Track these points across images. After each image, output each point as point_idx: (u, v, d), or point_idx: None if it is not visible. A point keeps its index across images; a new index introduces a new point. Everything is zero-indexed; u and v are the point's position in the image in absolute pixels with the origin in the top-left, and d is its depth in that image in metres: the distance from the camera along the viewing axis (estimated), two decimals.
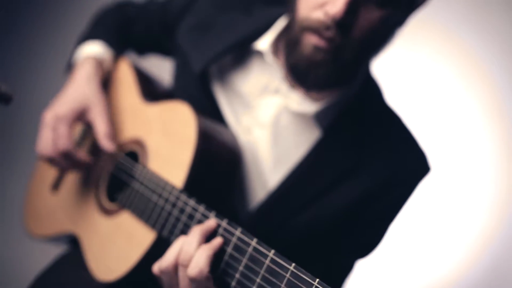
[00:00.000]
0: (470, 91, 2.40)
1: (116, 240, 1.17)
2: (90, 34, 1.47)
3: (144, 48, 1.57)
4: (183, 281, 0.96)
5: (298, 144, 1.22)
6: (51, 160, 1.25)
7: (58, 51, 2.50)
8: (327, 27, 1.03)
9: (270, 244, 0.89)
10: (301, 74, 1.12)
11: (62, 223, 1.37)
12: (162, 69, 1.69)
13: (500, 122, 2.36)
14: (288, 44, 1.12)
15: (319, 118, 1.20)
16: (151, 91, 1.42)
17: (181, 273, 0.96)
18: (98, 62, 1.40)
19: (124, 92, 1.41)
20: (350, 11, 1.01)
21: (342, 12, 1.00)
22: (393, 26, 1.11)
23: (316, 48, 1.06)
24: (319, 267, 1.20)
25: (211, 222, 0.98)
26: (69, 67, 1.48)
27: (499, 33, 2.36)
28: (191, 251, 0.94)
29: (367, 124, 1.22)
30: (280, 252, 0.89)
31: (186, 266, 0.94)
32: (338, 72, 1.10)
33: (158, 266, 1.00)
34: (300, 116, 1.21)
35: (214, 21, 1.31)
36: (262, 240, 0.90)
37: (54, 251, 1.46)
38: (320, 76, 1.10)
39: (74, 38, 1.51)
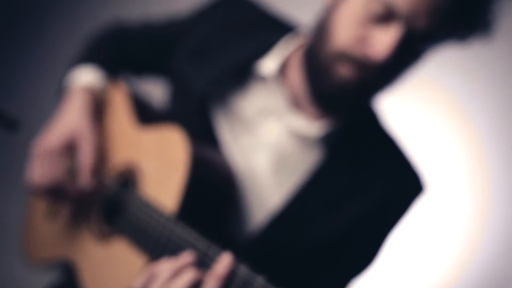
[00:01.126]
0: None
1: (111, 266, 1.16)
2: (84, 57, 1.46)
3: (141, 70, 1.56)
4: None
5: (300, 166, 1.22)
6: (39, 191, 1.24)
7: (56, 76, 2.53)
8: (367, 66, 1.06)
9: (268, 265, 0.88)
10: (329, 102, 1.15)
11: (56, 250, 1.36)
12: (154, 86, 1.69)
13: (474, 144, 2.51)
14: (313, 71, 1.14)
15: (323, 141, 1.21)
16: (145, 114, 1.41)
17: None
18: (91, 92, 1.38)
19: (118, 116, 1.40)
20: (393, 54, 1.04)
21: (387, 56, 1.03)
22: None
23: (351, 79, 1.08)
24: (317, 285, 1.21)
25: (187, 257, 0.96)
26: (60, 91, 1.46)
27: (482, 78, 2.50)
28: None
29: (366, 146, 1.23)
30: (278, 273, 0.88)
31: None
32: (363, 98, 1.15)
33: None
34: (303, 139, 1.22)
35: (216, 42, 1.31)
36: (261, 262, 0.90)
37: (48, 276, 1.45)
38: (346, 104, 1.14)
39: (70, 47, 1.51)
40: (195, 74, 1.31)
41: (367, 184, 1.21)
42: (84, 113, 1.31)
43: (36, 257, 1.43)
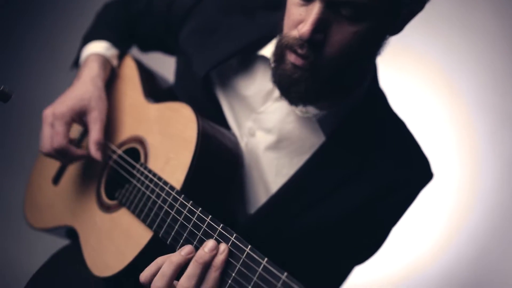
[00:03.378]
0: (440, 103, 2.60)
1: (114, 237, 1.18)
2: (95, 33, 1.49)
3: (147, 45, 1.58)
4: None
5: (302, 149, 1.23)
6: (48, 156, 1.27)
7: (56, 50, 2.54)
8: (301, 45, 1.04)
9: (268, 247, 0.90)
10: (284, 90, 1.12)
11: (61, 216, 1.38)
12: (166, 64, 1.70)
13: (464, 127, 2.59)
14: (274, 60, 1.13)
15: (323, 123, 1.20)
16: (155, 90, 1.43)
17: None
18: (104, 61, 1.41)
19: (128, 89, 1.42)
20: (319, 29, 1.01)
21: (309, 31, 1.00)
22: (377, 37, 1.10)
23: (294, 66, 1.07)
24: (317, 270, 1.22)
25: (188, 250, 0.96)
26: (76, 65, 1.49)
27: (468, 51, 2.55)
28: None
29: (370, 131, 1.23)
30: (277, 255, 0.90)
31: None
32: (321, 87, 1.10)
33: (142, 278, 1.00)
34: (305, 121, 1.22)
35: (218, 24, 1.31)
36: (261, 242, 0.91)
37: (55, 243, 1.48)
38: (302, 93, 1.10)
39: (71, 36, 1.53)
40: (197, 55, 1.32)
41: (371, 169, 1.20)
42: (94, 81, 1.33)
43: (39, 223, 1.46)
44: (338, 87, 1.13)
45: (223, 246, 0.92)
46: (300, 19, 1.04)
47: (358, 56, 1.08)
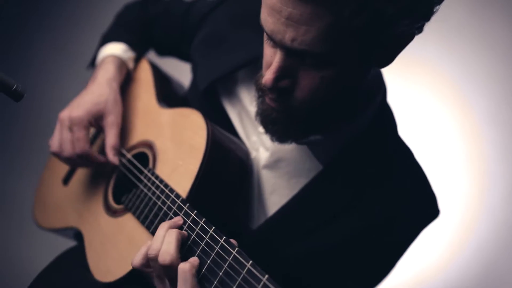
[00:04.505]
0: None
1: (117, 242, 1.17)
2: (114, 34, 1.48)
3: (163, 50, 1.57)
4: (156, 271, 0.99)
5: (299, 173, 1.19)
6: (67, 160, 1.27)
7: (68, 49, 2.55)
8: (270, 90, 1.00)
9: (267, 269, 0.87)
10: (265, 128, 1.10)
11: (68, 218, 1.38)
12: (184, 69, 1.69)
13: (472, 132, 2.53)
14: (257, 97, 1.10)
15: (317, 151, 1.16)
16: (169, 95, 1.42)
17: (152, 263, 1.00)
18: (121, 64, 1.40)
19: (142, 93, 1.41)
20: (283, 76, 0.97)
21: (271, 80, 0.96)
22: (352, 76, 1.02)
23: (270, 107, 1.04)
24: None
25: (177, 219, 1.03)
26: (92, 64, 1.49)
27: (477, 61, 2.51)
28: (158, 245, 0.98)
29: (373, 160, 1.16)
30: (278, 277, 0.87)
31: (167, 267, 0.97)
32: (301, 126, 1.06)
33: (132, 263, 1.03)
34: (302, 146, 1.18)
35: (225, 36, 1.28)
36: (262, 259, 0.89)
37: (62, 244, 1.47)
38: (280, 132, 1.08)
39: (83, 36, 1.52)
40: (201, 66, 1.30)
41: (373, 200, 1.14)
42: (110, 84, 1.33)
43: (47, 223, 1.45)
44: (322, 122, 1.08)
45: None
46: (270, 61, 0.99)
47: (334, 95, 1.02)
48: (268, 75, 0.97)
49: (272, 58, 0.98)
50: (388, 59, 1.01)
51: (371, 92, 1.15)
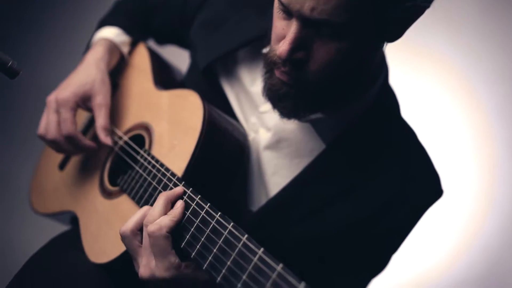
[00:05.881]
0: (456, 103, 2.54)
1: (113, 223, 1.16)
2: (109, 19, 1.47)
3: (163, 38, 1.56)
4: (145, 241, 0.98)
5: (302, 153, 1.17)
6: (53, 143, 1.25)
7: (69, 34, 2.53)
8: (282, 63, 0.99)
9: (269, 251, 0.86)
10: (273, 104, 1.08)
11: (64, 201, 1.37)
12: (183, 58, 1.69)
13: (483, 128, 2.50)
14: (264, 72, 1.08)
15: (321, 129, 1.15)
16: (166, 79, 1.41)
17: (144, 233, 0.98)
18: (111, 45, 1.39)
19: (138, 77, 1.40)
20: (298, 48, 0.96)
21: (286, 51, 0.95)
22: (366, 49, 1.02)
23: (281, 81, 1.03)
24: (319, 282, 1.16)
25: (178, 189, 1.01)
26: (87, 49, 1.48)
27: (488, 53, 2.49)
28: (155, 214, 0.97)
29: (376, 140, 1.16)
30: (279, 260, 0.86)
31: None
32: (311, 101, 1.05)
33: (120, 230, 1.02)
34: (305, 125, 1.17)
35: (226, 18, 1.27)
36: (263, 245, 0.88)
37: (57, 229, 1.46)
38: (289, 108, 1.06)
39: (80, 21, 1.51)
40: (201, 47, 1.29)
41: (376, 180, 1.13)
42: (98, 64, 1.31)
43: (43, 208, 1.44)
44: (331, 99, 1.07)
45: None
46: (283, 34, 0.98)
47: (347, 69, 1.02)
48: (283, 47, 0.95)
49: (284, 31, 0.97)
50: (398, 33, 1.01)
51: (375, 72, 1.14)
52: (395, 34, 1.01)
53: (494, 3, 2.51)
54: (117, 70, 1.43)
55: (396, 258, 1.23)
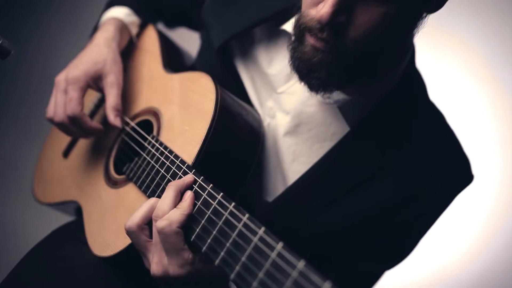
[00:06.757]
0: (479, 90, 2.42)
1: (117, 214, 1.08)
2: (117, 0, 1.40)
3: (173, 20, 1.49)
4: (155, 236, 0.90)
5: (324, 137, 1.10)
6: (60, 125, 1.17)
7: (75, 16, 2.46)
8: (321, 28, 0.90)
9: (287, 241, 0.78)
10: (303, 76, 0.99)
11: (68, 191, 1.29)
12: (192, 42, 1.61)
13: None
14: (292, 41, 0.99)
15: (346, 111, 1.07)
16: (175, 62, 1.34)
17: (153, 228, 0.90)
18: (121, 25, 1.32)
19: (147, 60, 1.33)
20: (341, 11, 0.87)
21: (329, 14, 0.87)
22: (410, 17, 0.95)
23: (314, 48, 0.94)
24: (340, 272, 1.08)
25: (188, 177, 0.93)
26: (94, 31, 1.41)
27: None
28: (165, 207, 0.89)
29: (403, 122, 1.08)
30: (297, 251, 0.78)
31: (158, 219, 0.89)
32: (345, 73, 0.96)
33: (125, 225, 0.94)
34: (327, 106, 1.09)
35: None
36: (279, 236, 0.80)
37: (59, 220, 1.39)
38: (323, 79, 0.97)
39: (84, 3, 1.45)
40: (215, 25, 1.21)
41: (402, 165, 1.05)
42: (109, 44, 1.24)
43: (47, 199, 1.37)
44: (365, 72, 0.99)
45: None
46: (319, 1, 0.90)
47: (387, 38, 0.94)
48: (325, 9, 0.87)
49: None
50: (439, 3, 0.94)
51: (403, 50, 1.06)
52: (438, 3, 0.94)
53: None
54: (125, 53, 1.36)
55: (414, 252, 1.15)
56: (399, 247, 1.12)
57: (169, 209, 0.89)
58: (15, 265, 1.10)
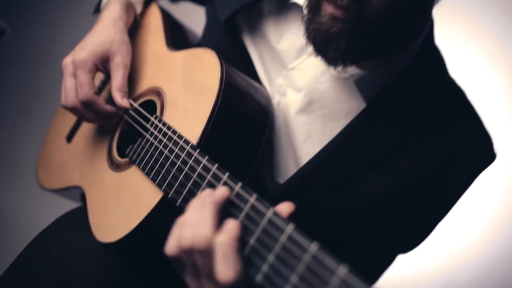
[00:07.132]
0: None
1: (121, 198, 1.03)
2: None
3: None
4: (203, 268, 0.74)
5: (338, 115, 1.04)
6: (73, 110, 1.13)
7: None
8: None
9: (299, 224, 0.73)
10: (320, 48, 0.93)
11: (71, 176, 1.25)
12: (196, 19, 1.56)
13: None
14: (307, 11, 0.93)
15: (363, 86, 1.01)
16: (179, 40, 1.28)
17: (199, 260, 0.74)
18: (127, 4, 1.27)
19: (150, 39, 1.28)
20: None
21: None
22: None
23: (332, 17, 0.88)
24: (354, 255, 1.03)
25: (223, 191, 0.77)
26: (97, 10, 1.36)
27: None
28: (207, 233, 0.73)
29: (422, 98, 1.02)
30: (310, 234, 0.73)
31: (203, 252, 0.73)
32: (365, 44, 0.90)
33: (169, 251, 0.77)
34: (342, 82, 1.02)
35: None
36: (291, 219, 0.74)
37: (65, 207, 1.35)
38: (342, 50, 0.90)
39: None
40: None
41: (420, 143, 1.00)
42: (116, 24, 1.19)
43: (51, 185, 1.33)
44: (385, 44, 0.93)
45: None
46: None
47: (410, 7, 0.88)
48: None
49: None
50: None
51: (422, 23, 1.00)
52: None
53: None
54: (129, 31, 1.30)
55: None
56: (416, 231, 1.06)
57: (212, 233, 0.74)
58: (18, 254, 1.06)
